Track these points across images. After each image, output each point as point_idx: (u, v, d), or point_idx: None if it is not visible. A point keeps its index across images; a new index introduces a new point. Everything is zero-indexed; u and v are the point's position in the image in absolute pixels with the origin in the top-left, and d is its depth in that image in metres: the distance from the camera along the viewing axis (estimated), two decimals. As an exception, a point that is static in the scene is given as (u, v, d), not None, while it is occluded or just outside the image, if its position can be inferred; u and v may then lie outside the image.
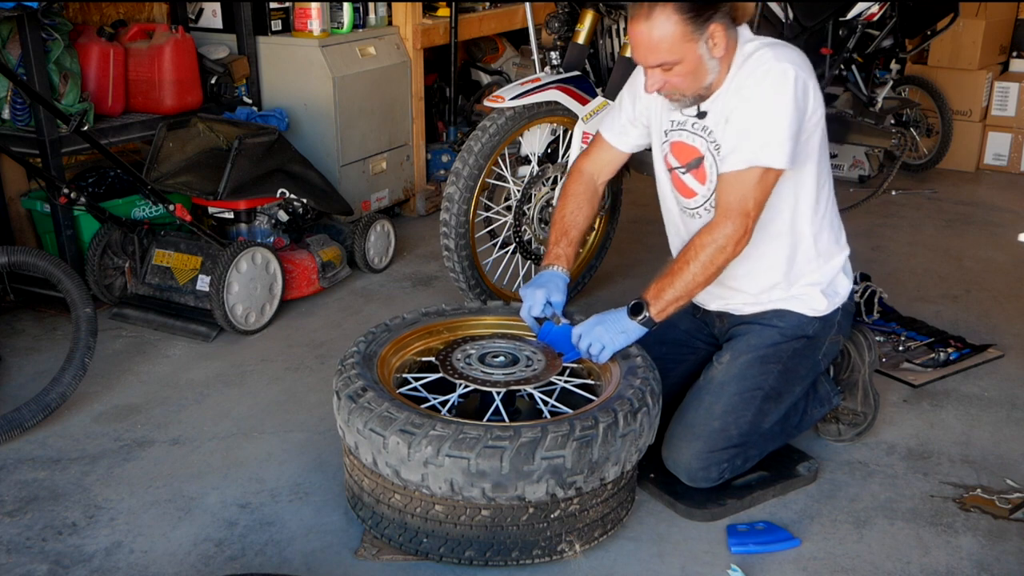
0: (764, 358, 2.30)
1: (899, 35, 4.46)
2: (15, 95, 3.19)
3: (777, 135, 2.09)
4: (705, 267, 2.14)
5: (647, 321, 2.18)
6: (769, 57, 2.13)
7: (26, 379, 2.87)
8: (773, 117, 2.09)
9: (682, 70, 2.11)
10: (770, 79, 2.10)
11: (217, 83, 3.75)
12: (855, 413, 2.57)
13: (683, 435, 2.26)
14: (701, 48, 2.09)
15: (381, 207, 4.26)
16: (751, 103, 2.12)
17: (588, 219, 2.50)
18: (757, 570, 2.06)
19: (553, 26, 3.31)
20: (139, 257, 3.31)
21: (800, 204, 2.28)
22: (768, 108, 2.10)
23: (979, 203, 4.90)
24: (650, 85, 2.17)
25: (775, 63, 2.11)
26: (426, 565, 2.04)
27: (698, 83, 2.15)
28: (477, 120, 4.40)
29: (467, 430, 1.88)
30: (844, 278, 2.40)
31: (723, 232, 2.12)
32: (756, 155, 2.10)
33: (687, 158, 2.30)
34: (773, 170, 2.11)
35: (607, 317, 2.22)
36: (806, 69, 2.15)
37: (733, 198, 2.13)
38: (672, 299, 2.16)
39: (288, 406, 2.75)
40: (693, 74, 2.12)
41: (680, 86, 2.15)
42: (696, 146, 2.28)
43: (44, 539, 2.13)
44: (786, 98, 2.09)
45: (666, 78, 2.14)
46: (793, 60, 2.13)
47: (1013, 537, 2.19)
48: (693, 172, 2.30)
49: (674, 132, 2.32)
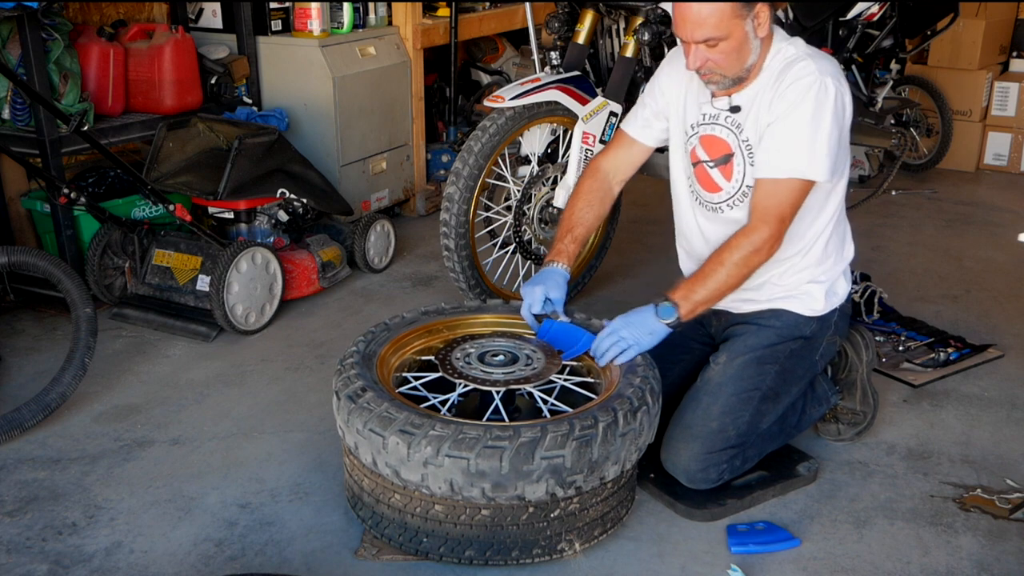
0: (761, 359, 2.30)
1: (899, 35, 4.45)
2: (15, 95, 3.19)
3: (820, 149, 2.13)
4: (739, 267, 2.16)
5: (676, 322, 2.19)
6: (813, 69, 2.15)
7: (26, 379, 2.87)
8: (817, 132, 2.13)
9: (727, 47, 2.13)
10: (813, 92, 2.13)
11: (217, 83, 3.75)
12: (854, 412, 2.57)
13: (681, 437, 2.26)
14: (747, 25, 2.12)
15: (381, 207, 4.26)
16: (796, 115, 2.14)
17: (597, 218, 2.51)
18: (757, 570, 2.06)
19: (553, 26, 3.31)
20: (139, 257, 3.31)
21: (823, 212, 2.30)
22: (812, 122, 2.13)
23: (979, 203, 4.90)
24: (692, 62, 2.17)
25: (819, 76, 2.14)
26: (426, 565, 2.04)
27: (740, 63, 2.17)
28: (477, 120, 4.40)
29: (467, 430, 1.88)
30: (844, 280, 2.41)
31: (760, 235, 2.15)
32: (799, 167, 2.14)
33: (718, 152, 2.31)
34: (810, 181, 2.15)
35: (633, 318, 2.22)
36: (844, 83, 2.19)
37: (771, 203, 2.16)
38: (702, 299, 2.18)
39: (288, 406, 2.75)
40: (737, 52, 2.14)
41: (722, 64, 2.16)
42: (728, 141, 2.29)
43: (44, 539, 2.13)
44: (829, 114, 2.13)
45: (709, 55, 2.15)
46: (834, 75, 2.17)
47: (1013, 537, 2.19)
48: (721, 168, 2.31)
49: (706, 125, 2.33)
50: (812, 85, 2.14)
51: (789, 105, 2.15)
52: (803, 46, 2.23)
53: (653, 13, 3.11)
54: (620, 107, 3.16)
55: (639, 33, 3.10)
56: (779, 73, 2.19)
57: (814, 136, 2.13)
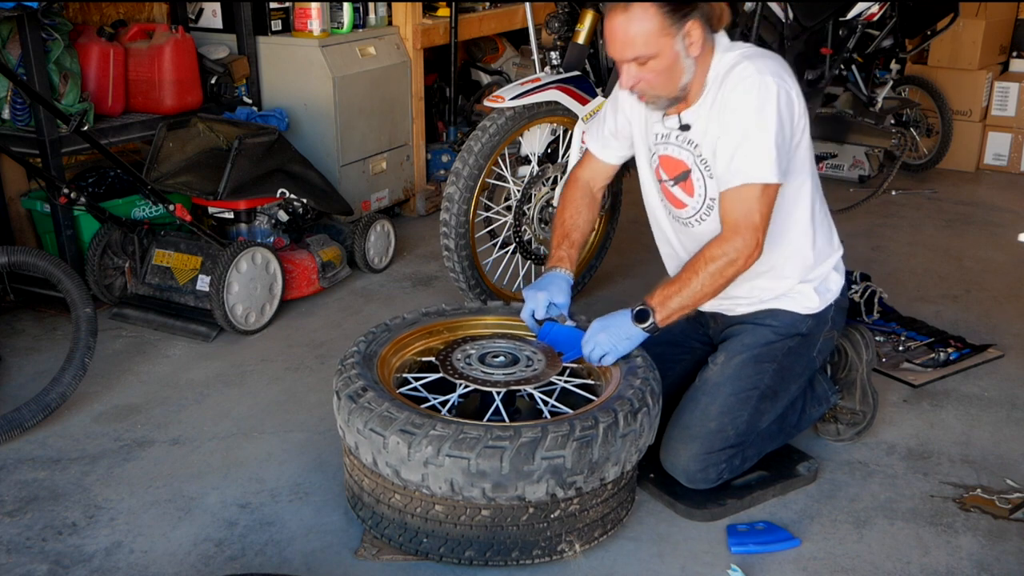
0: (759, 357, 2.30)
1: (899, 35, 4.46)
2: (15, 95, 3.19)
3: (767, 151, 2.09)
4: (714, 278, 2.14)
5: (651, 328, 2.17)
6: (751, 71, 2.12)
7: (26, 379, 2.87)
8: (761, 133, 2.09)
9: (657, 66, 2.10)
10: (753, 94, 2.10)
11: (217, 83, 3.75)
12: (854, 412, 2.57)
13: (680, 437, 2.26)
14: (678, 44, 2.09)
15: (381, 207, 4.26)
16: (737, 120, 2.11)
17: (589, 222, 2.51)
18: (757, 570, 2.06)
19: (553, 26, 3.31)
20: (139, 257, 3.31)
21: (796, 211, 2.28)
22: (755, 124, 2.09)
23: (979, 203, 4.90)
24: (624, 81, 2.16)
25: (757, 76, 2.10)
26: (426, 565, 2.04)
27: (673, 83, 2.14)
28: (477, 120, 4.40)
29: (467, 430, 1.88)
30: (836, 275, 2.40)
31: (734, 246, 2.12)
32: (748, 172, 2.10)
33: (675, 171, 2.30)
34: (772, 184, 2.12)
35: (610, 322, 2.22)
36: (788, 79, 2.15)
37: (738, 214, 2.13)
38: (678, 307, 2.16)
39: (288, 406, 2.75)
40: (668, 71, 2.11)
41: (655, 84, 2.14)
42: (683, 159, 2.27)
43: (44, 539, 2.13)
44: (771, 113, 2.09)
45: (641, 75, 2.12)
46: (774, 71, 2.13)
47: (1013, 537, 2.19)
48: (681, 185, 2.30)
49: (660, 145, 2.31)
50: (752, 88, 2.10)
51: (732, 112, 2.12)
52: (744, 49, 2.19)
53: (653, 13, 3.10)
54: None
55: (639, 33, 3.10)
56: (721, 82, 2.16)
57: (761, 138, 2.09)
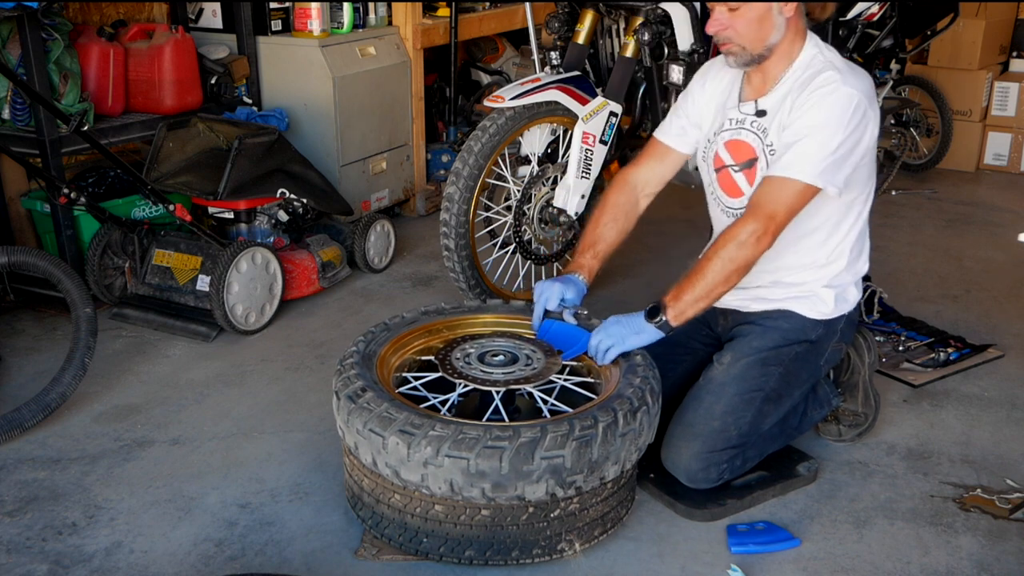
0: (765, 360, 2.30)
1: (899, 35, 4.45)
2: (15, 95, 3.19)
3: (828, 157, 2.11)
4: (725, 265, 2.12)
5: (663, 324, 2.16)
6: (837, 79, 2.15)
7: (26, 379, 2.87)
8: (830, 139, 2.11)
9: (749, 13, 2.14)
10: (832, 99, 2.13)
11: (217, 83, 3.75)
12: (855, 414, 2.57)
13: (682, 435, 2.26)
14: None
15: (381, 207, 4.26)
16: (809, 118, 2.14)
17: (620, 233, 2.48)
18: (757, 570, 2.06)
19: (553, 26, 3.31)
20: (139, 257, 3.31)
21: (842, 224, 2.29)
22: (826, 129, 2.11)
23: (979, 203, 4.90)
24: (713, 24, 2.19)
25: (842, 86, 2.13)
26: (426, 565, 2.04)
27: (762, 37, 2.17)
28: (477, 120, 4.40)
29: (466, 430, 1.88)
30: (855, 289, 2.41)
31: (745, 229, 2.11)
32: (803, 170, 2.11)
33: (743, 157, 2.31)
34: (812, 187, 2.12)
35: (624, 318, 2.22)
36: (870, 96, 2.17)
37: (765, 199, 2.14)
38: (692, 300, 2.14)
39: (288, 406, 2.75)
40: (759, 23, 2.15)
41: (742, 33, 2.17)
42: (753, 145, 2.28)
43: (44, 539, 2.13)
44: (842, 122, 2.11)
45: (731, 21, 2.16)
46: (859, 87, 2.16)
47: (1013, 537, 2.19)
48: (745, 171, 2.31)
49: (731, 130, 2.33)
50: (833, 93, 2.13)
51: (807, 110, 2.15)
52: (836, 57, 2.23)
53: (653, 13, 3.11)
54: (620, 107, 3.16)
55: (639, 33, 3.10)
56: (807, 79, 2.19)
57: (826, 143, 2.11)
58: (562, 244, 3.35)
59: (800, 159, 2.12)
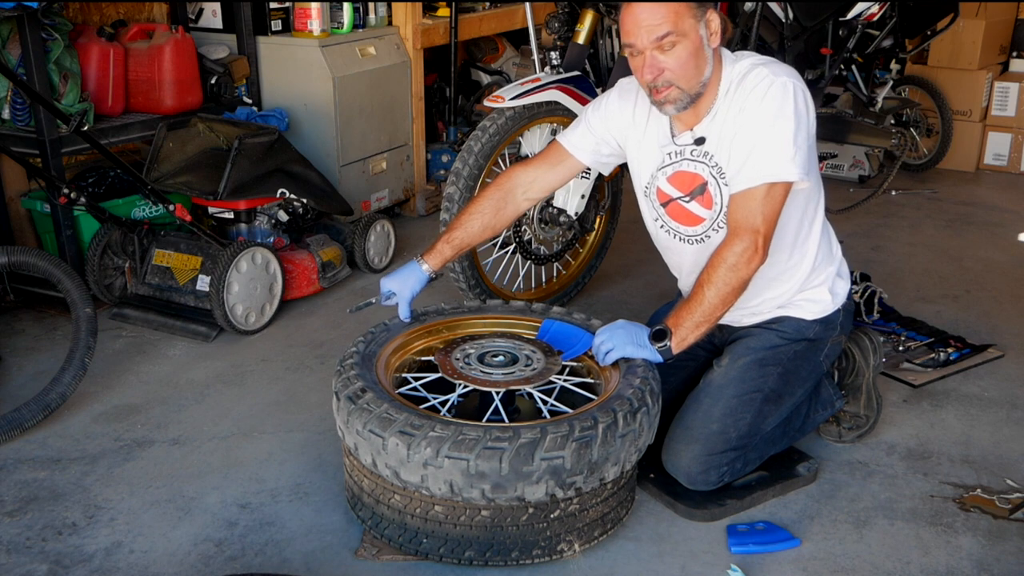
0: (763, 360, 2.30)
1: (899, 35, 4.45)
2: (15, 95, 3.19)
3: (786, 148, 2.07)
4: (720, 289, 2.10)
5: (666, 350, 2.14)
6: (766, 74, 2.12)
7: (26, 379, 2.87)
8: (780, 131, 2.08)
9: (682, 52, 2.07)
10: (772, 93, 2.09)
11: (217, 83, 3.75)
12: (857, 416, 2.57)
13: (682, 438, 2.26)
14: (701, 30, 2.08)
15: (381, 207, 4.26)
16: (757, 120, 2.10)
17: (486, 229, 2.41)
18: (757, 570, 2.06)
19: (553, 26, 3.31)
20: (139, 257, 3.31)
21: (804, 217, 2.27)
22: (774, 123, 2.08)
23: (979, 203, 4.90)
24: (647, 72, 2.10)
25: (774, 77, 2.10)
26: (426, 565, 2.04)
27: (697, 73, 2.11)
28: (477, 120, 4.40)
29: (466, 431, 1.88)
30: (840, 280, 2.39)
31: (733, 251, 2.09)
32: (770, 170, 2.08)
33: (690, 186, 2.26)
34: (780, 184, 2.09)
35: (632, 326, 2.21)
36: (802, 83, 2.15)
37: (742, 216, 2.10)
38: (691, 326, 2.12)
39: (288, 406, 2.75)
40: (693, 58, 2.08)
41: (678, 74, 2.09)
42: (699, 173, 2.24)
43: (44, 539, 2.13)
44: (789, 111, 2.08)
45: (665, 63, 2.08)
46: (790, 73, 2.13)
47: (1013, 537, 2.19)
48: (699, 199, 2.25)
49: (672, 164, 2.28)
50: (769, 87, 2.09)
51: (750, 112, 2.11)
52: (753, 57, 2.19)
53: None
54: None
55: (639, 33, 3.10)
56: (735, 88, 2.15)
57: (780, 136, 2.07)
58: (562, 244, 3.36)
59: (760, 162, 2.08)
